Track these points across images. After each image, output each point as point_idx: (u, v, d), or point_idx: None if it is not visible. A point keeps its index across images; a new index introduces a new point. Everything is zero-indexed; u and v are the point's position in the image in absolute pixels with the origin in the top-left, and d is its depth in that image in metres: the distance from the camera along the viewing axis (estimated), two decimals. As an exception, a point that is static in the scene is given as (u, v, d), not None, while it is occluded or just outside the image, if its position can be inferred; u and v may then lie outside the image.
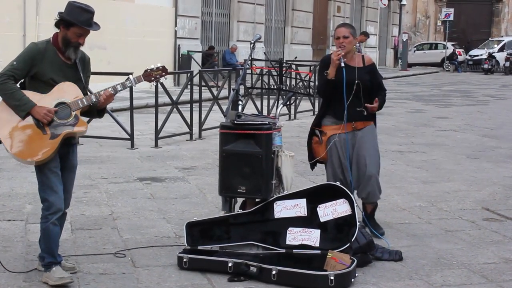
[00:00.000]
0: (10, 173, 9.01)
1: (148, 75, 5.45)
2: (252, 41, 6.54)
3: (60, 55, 5.20)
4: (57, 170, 5.23)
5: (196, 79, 13.29)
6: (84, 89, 5.34)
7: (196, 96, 13.10)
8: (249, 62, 6.77)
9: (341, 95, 6.38)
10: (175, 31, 24.21)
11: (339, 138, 6.52)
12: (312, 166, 6.93)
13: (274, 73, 16.75)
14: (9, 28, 17.46)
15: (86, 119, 5.40)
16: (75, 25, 5.10)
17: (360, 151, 6.52)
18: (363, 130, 6.58)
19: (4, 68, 5.14)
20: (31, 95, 5.09)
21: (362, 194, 6.60)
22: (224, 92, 14.43)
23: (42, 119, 5.07)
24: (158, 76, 5.47)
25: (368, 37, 21.74)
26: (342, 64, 6.35)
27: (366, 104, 6.49)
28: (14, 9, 17.66)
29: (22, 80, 5.20)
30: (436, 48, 49.06)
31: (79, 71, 5.27)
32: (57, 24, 5.19)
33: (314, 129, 6.73)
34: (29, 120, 5.09)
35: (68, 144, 5.29)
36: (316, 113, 7.50)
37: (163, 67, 5.51)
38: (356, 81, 6.42)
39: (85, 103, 5.18)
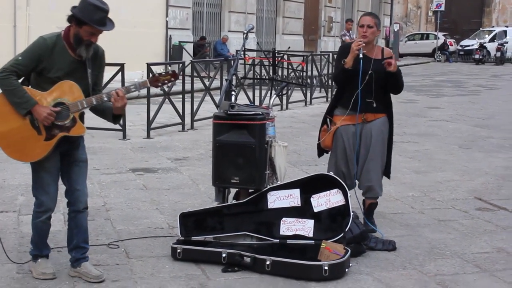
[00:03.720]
0: (2, 164, 8.96)
1: (155, 80, 5.16)
2: (245, 31, 6.50)
3: (70, 51, 4.94)
4: (53, 169, 5.07)
5: (188, 70, 13.24)
6: (94, 86, 5.11)
7: (188, 86, 13.07)
8: (242, 52, 6.71)
9: (354, 85, 6.29)
10: (166, 22, 24.13)
11: (347, 129, 6.45)
12: (320, 153, 6.88)
13: (267, 63, 16.73)
14: (-1, 19, 17.37)
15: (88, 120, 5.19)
16: (88, 24, 4.83)
17: (365, 145, 6.43)
18: (372, 123, 6.43)
19: (7, 62, 4.89)
20: (30, 91, 4.87)
21: (362, 188, 6.56)
22: (216, 83, 14.40)
23: (43, 121, 4.84)
24: (166, 81, 5.18)
25: (353, 21, 21.82)
26: (361, 55, 6.28)
27: (385, 60, 6.33)
28: (4, 0, 17.55)
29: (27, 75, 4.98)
30: (427, 38, 49.04)
31: (87, 68, 5.01)
32: (69, 19, 4.91)
33: (326, 116, 6.66)
34: (25, 118, 4.89)
35: (70, 142, 5.08)
36: (307, 103, 7.43)
37: (174, 72, 5.22)
38: (370, 72, 6.32)
39: (85, 105, 4.94)
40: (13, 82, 4.82)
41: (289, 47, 20.21)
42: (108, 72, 5.32)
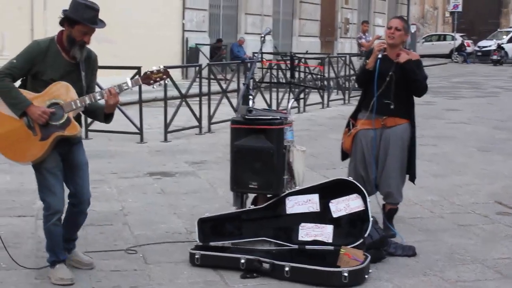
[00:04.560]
0: (20, 168, 8.95)
1: (147, 78, 5.21)
2: (263, 35, 6.46)
3: (64, 54, 5.06)
4: (56, 171, 5.11)
5: (204, 72, 13.23)
6: (88, 89, 5.18)
7: (205, 89, 13.05)
8: (260, 55, 6.67)
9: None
10: (183, 24, 24.13)
11: (366, 134, 6.39)
12: (343, 157, 6.80)
13: (283, 66, 16.68)
14: (17, 22, 17.41)
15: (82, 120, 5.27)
16: (80, 23, 4.95)
17: (384, 151, 6.35)
18: (393, 128, 6.34)
19: (3, 66, 5.03)
20: (24, 93, 4.98)
21: (382, 193, 6.50)
22: (233, 85, 14.37)
23: (37, 119, 4.93)
24: (158, 79, 5.22)
25: (369, 23, 21.73)
26: (379, 56, 6.24)
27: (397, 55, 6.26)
28: (22, 3, 17.61)
29: (24, 78, 5.10)
30: (444, 39, 48.81)
31: (80, 71, 5.11)
32: (61, 22, 5.05)
33: (349, 119, 6.61)
34: (21, 120, 4.97)
35: (68, 144, 5.16)
36: (325, 105, 7.38)
37: (165, 69, 5.27)
38: (390, 73, 6.27)
39: (79, 104, 5.01)
40: (8, 84, 4.96)
41: (307, 51, 20.13)
42: (125, 75, 5.36)
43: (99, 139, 11.52)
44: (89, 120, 11.71)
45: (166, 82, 5.35)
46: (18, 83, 5.09)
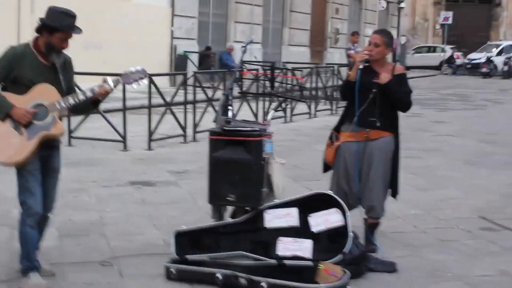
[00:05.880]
0: (-2, 175, 8.83)
1: (127, 77, 5.31)
2: (244, 45, 6.38)
3: (40, 58, 5.11)
4: (36, 172, 5.13)
5: (192, 80, 13.13)
6: (67, 90, 5.23)
7: (190, 97, 12.94)
8: (241, 65, 6.58)
9: (359, 100, 6.17)
10: (172, 31, 24.05)
11: (349, 147, 6.30)
12: (324, 169, 6.69)
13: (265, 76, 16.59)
14: (3, 27, 17.27)
15: (64, 122, 5.30)
16: (59, 30, 5.03)
17: (368, 164, 6.27)
18: (376, 141, 6.25)
19: None
20: (7, 95, 5.02)
21: (364, 207, 6.40)
22: (219, 94, 14.25)
23: (20, 120, 4.98)
24: (138, 78, 5.34)
25: (359, 34, 21.73)
26: (361, 66, 6.15)
27: (377, 77, 6.16)
28: (8, 8, 17.48)
29: (3, 85, 5.11)
30: (434, 51, 48.93)
31: (58, 74, 5.17)
32: (38, 30, 5.11)
33: (333, 131, 6.52)
34: (6, 121, 5.01)
35: (50, 147, 5.21)
36: (312, 115, 7.28)
37: (143, 69, 5.39)
38: (374, 90, 6.17)
39: (63, 105, 5.08)
40: None
41: (255, 57, 19.95)
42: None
43: (82, 146, 11.39)
44: (73, 126, 11.60)
45: (145, 82, 5.43)
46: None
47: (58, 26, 5.01)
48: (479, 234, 7.18)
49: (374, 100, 6.14)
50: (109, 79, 5.25)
